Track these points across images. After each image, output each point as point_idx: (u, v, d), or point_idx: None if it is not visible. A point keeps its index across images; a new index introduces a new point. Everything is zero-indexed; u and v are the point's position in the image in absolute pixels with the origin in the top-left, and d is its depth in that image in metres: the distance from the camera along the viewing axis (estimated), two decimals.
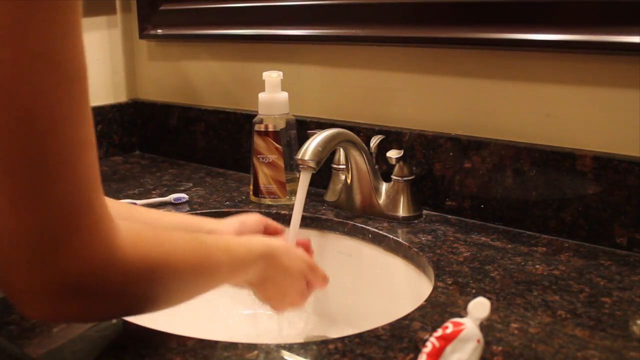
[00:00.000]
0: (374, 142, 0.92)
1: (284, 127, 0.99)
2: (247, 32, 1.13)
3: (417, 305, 0.65)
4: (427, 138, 0.92)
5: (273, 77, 0.98)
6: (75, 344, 0.58)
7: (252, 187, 1.01)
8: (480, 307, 0.53)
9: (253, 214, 0.81)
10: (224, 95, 1.23)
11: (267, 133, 0.98)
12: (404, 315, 0.63)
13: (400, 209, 0.90)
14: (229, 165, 1.21)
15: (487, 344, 0.56)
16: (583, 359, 0.55)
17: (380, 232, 0.86)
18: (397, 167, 0.91)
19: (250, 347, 0.57)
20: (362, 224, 0.89)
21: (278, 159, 0.98)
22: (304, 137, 0.89)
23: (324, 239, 0.92)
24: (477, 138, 0.88)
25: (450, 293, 0.68)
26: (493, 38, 0.84)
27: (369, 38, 0.97)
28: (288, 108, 1.00)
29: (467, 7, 0.87)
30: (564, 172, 0.81)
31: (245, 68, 1.19)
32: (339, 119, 1.04)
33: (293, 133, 1.00)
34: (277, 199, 0.99)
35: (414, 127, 0.95)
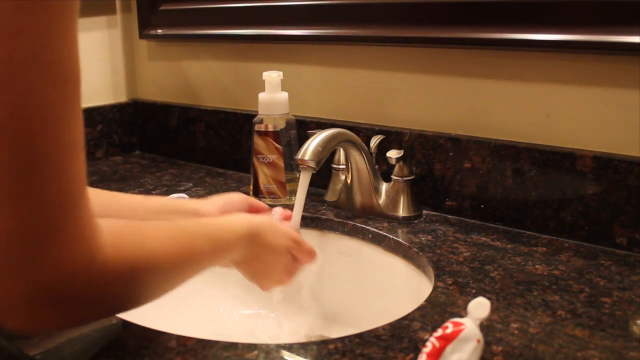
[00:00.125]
0: (374, 142, 0.92)
1: (284, 127, 0.98)
2: (247, 32, 1.13)
3: (417, 305, 0.65)
4: (427, 138, 0.92)
5: (273, 77, 0.98)
6: (75, 344, 0.58)
7: (252, 187, 1.01)
8: (480, 307, 0.53)
9: (237, 193, 0.80)
10: (224, 95, 1.23)
11: (267, 133, 0.98)
12: (404, 315, 0.63)
13: (400, 209, 0.90)
14: (229, 165, 1.21)
15: (487, 344, 0.56)
16: (583, 359, 0.55)
17: (380, 232, 0.86)
18: (397, 167, 0.91)
19: (250, 347, 0.57)
20: (362, 224, 0.89)
21: (278, 159, 0.98)
22: (304, 137, 0.89)
23: (324, 239, 0.92)
24: (477, 138, 0.88)
25: (450, 293, 0.68)
26: (493, 38, 0.84)
27: (369, 38, 0.97)
28: (288, 108, 1.00)
29: (467, 7, 0.87)
30: (564, 172, 0.81)
31: (245, 68, 1.19)
32: (339, 119, 1.04)
33: (293, 133, 1.00)
34: (277, 199, 0.99)
35: (414, 127, 0.95)
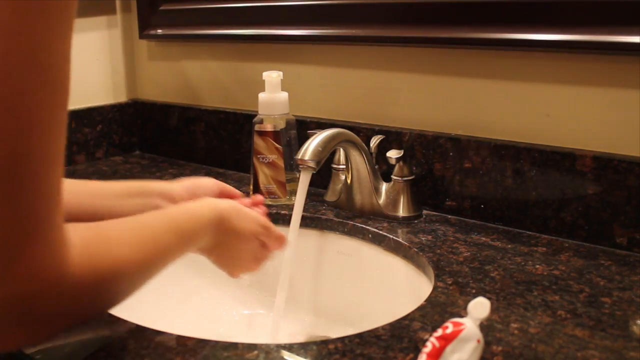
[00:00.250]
0: (374, 142, 0.92)
1: (284, 127, 0.98)
2: (247, 32, 1.13)
3: (417, 305, 0.65)
4: (427, 138, 0.92)
5: (273, 77, 0.98)
6: (75, 344, 0.58)
7: (252, 187, 1.01)
8: (480, 307, 0.53)
9: (208, 178, 0.78)
10: (224, 95, 1.23)
11: (267, 133, 0.98)
12: (404, 315, 0.63)
13: (400, 209, 0.90)
14: (229, 165, 1.21)
15: (487, 344, 0.56)
16: (583, 359, 0.55)
17: (380, 232, 0.86)
18: (397, 167, 0.91)
19: (250, 347, 0.57)
20: (362, 224, 0.89)
21: (278, 159, 0.98)
22: (304, 137, 0.89)
23: (324, 239, 0.92)
24: (477, 138, 0.88)
25: (450, 293, 0.68)
26: (493, 38, 0.84)
27: (369, 38, 0.97)
28: (288, 108, 1.00)
29: (467, 7, 0.87)
30: (564, 172, 0.81)
31: (245, 68, 1.19)
32: (339, 119, 1.04)
33: (293, 133, 1.00)
34: (277, 199, 0.99)
35: (414, 127, 0.95)
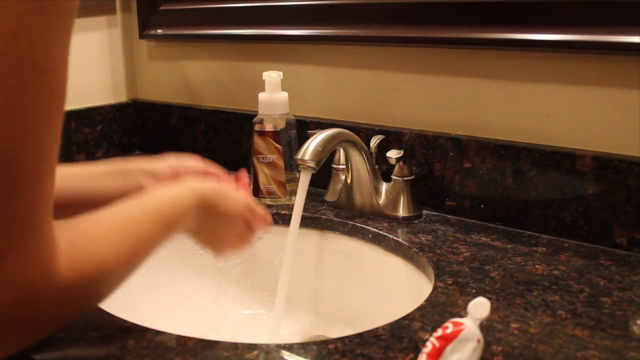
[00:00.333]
0: (374, 142, 0.92)
1: (284, 127, 0.98)
2: (247, 32, 1.13)
3: (417, 305, 0.65)
4: (427, 138, 0.92)
5: (273, 77, 0.98)
6: (75, 344, 0.58)
7: (252, 187, 1.01)
8: (480, 307, 0.53)
9: (193, 157, 0.76)
10: (224, 95, 1.23)
11: (267, 133, 0.98)
12: (404, 315, 0.63)
13: (400, 209, 0.90)
14: (229, 165, 1.20)
15: (487, 344, 0.56)
16: (583, 359, 0.55)
17: (380, 232, 0.86)
18: (397, 167, 0.91)
19: (250, 347, 0.57)
20: (362, 224, 0.89)
21: (278, 159, 0.98)
22: (304, 137, 0.89)
23: (324, 239, 0.92)
24: (477, 138, 0.88)
25: (450, 293, 0.68)
26: (493, 38, 0.84)
27: (369, 38, 0.97)
28: (288, 108, 1.00)
29: (467, 7, 0.87)
30: (564, 172, 0.81)
31: (245, 68, 1.19)
32: (339, 119, 1.04)
33: (293, 133, 1.00)
34: (277, 199, 0.99)
35: (414, 127, 0.95)
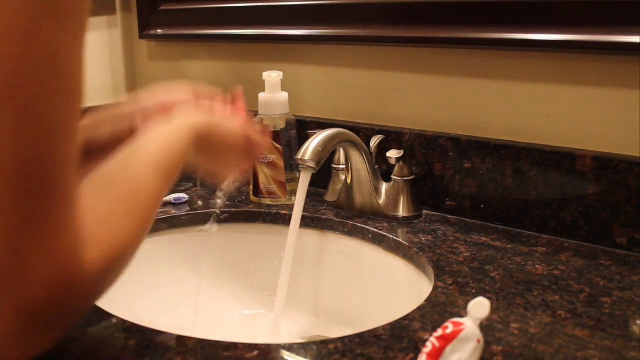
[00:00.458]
0: (374, 142, 0.92)
1: (284, 127, 0.98)
2: (247, 32, 1.13)
3: (417, 305, 0.65)
4: (427, 138, 0.92)
5: (273, 77, 0.98)
6: (76, 344, 0.58)
7: (252, 187, 1.01)
8: (480, 307, 0.53)
9: (181, 85, 0.74)
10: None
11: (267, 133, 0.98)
12: (404, 315, 0.63)
13: (400, 209, 0.90)
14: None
15: (487, 344, 0.56)
16: (583, 359, 0.55)
17: (380, 232, 0.86)
18: (397, 167, 0.91)
19: (250, 347, 0.57)
20: (362, 224, 0.89)
21: (278, 159, 0.98)
22: (304, 137, 0.89)
23: (324, 239, 0.92)
24: (477, 138, 0.88)
25: (450, 293, 0.68)
26: (493, 38, 0.84)
27: (369, 38, 0.97)
28: (288, 108, 1.00)
29: (467, 7, 0.87)
30: (564, 172, 0.81)
31: (245, 68, 1.19)
32: (339, 119, 1.04)
33: (293, 133, 1.00)
34: (277, 199, 0.99)
35: (414, 127, 0.95)
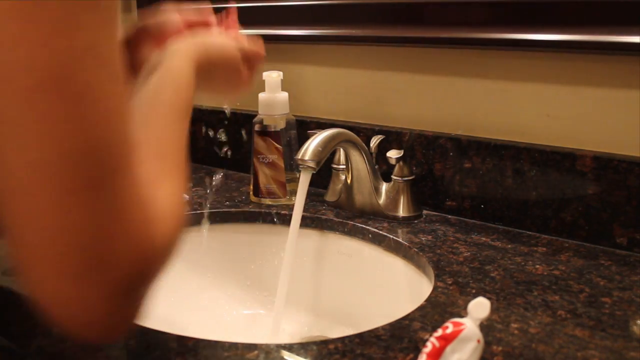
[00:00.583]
0: (374, 142, 0.92)
1: (284, 127, 0.98)
2: (247, 32, 1.13)
3: (417, 305, 0.65)
4: (427, 138, 0.92)
5: (273, 77, 0.98)
6: (75, 344, 0.58)
7: (252, 187, 1.01)
8: (480, 307, 0.53)
9: (171, 12, 0.72)
10: (224, 95, 1.23)
11: (267, 133, 0.98)
12: (404, 315, 0.63)
13: (400, 209, 0.90)
14: (229, 166, 1.21)
15: (487, 344, 0.56)
16: (583, 359, 0.55)
17: (380, 232, 0.86)
18: (397, 167, 0.91)
19: (250, 347, 0.57)
20: (362, 224, 0.89)
21: (278, 159, 0.98)
22: (304, 137, 0.89)
23: (324, 239, 0.92)
24: (477, 138, 0.88)
25: (450, 293, 0.68)
26: (493, 38, 0.84)
27: (369, 38, 0.97)
28: (288, 108, 1.00)
29: (467, 7, 0.87)
30: (564, 172, 0.81)
31: None
32: (339, 119, 1.04)
33: (293, 133, 1.00)
34: (277, 199, 0.99)
35: (414, 127, 0.95)
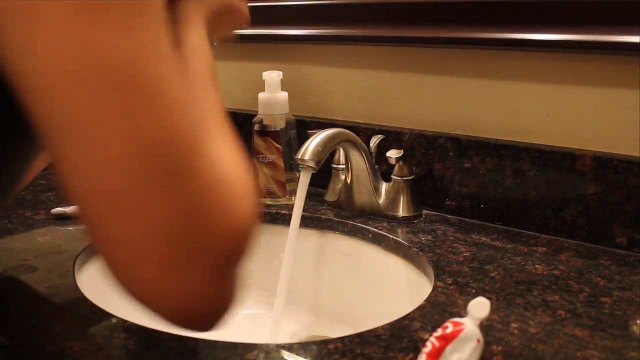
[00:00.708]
0: (374, 142, 0.92)
1: (284, 127, 0.98)
2: (247, 32, 1.13)
3: (417, 305, 0.65)
4: (427, 138, 0.92)
5: (273, 77, 0.98)
6: (75, 344, 0.58)
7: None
8: (480, 307, 0.53)
9: None
10: (224, 95, 1.23)
11: (267, 133, 0.98)
12: (404, 315, 0.63)
13: (400, 209, 0.90)
14: None
15: (487, 344, 0.56)
16: (583, 359, 0.55)
17: (380, 232, 0.86)
18: (397, 167, 0.91)
19: (250, 347, 0.57)
20: (362, 224, 0.89)
21: (278, 159, 0.98)
22: (304, 137, 0.89)
23: (324, 239, 0.92)
24: (477, 138, 0.88)
25: (450, 293, 0.68)
26: (493, 38, 0.84)
27: (369, 38, 0.97)
28: (288, 108, 1.00)
29: (467, 7, 0.87)
30: (564, 172, 0.81)
31: (245, 68, 1.19)
32: (339, 119, 1.04)
33: (293, 133, 1.00)
34: (277, 199, 0.99)
35: (414, 127, 0.95)
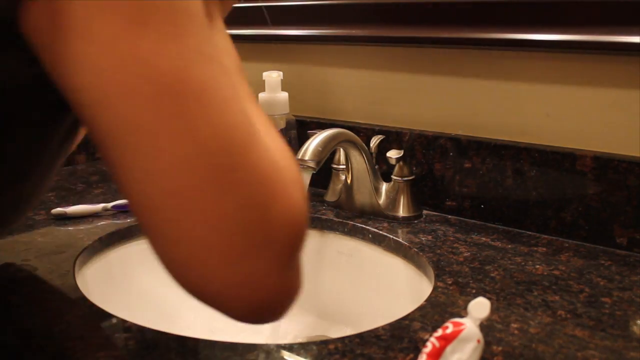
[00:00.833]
0: (374, 142, 0.92)
1: (284, 127, 0.98)
2: (247, 32, 1.13)
3: (417, 305, 0.65)
4: (427, 138, 0.92)
5: (273, 77, 0.98)
6: (76, 344, 0.58)
7: None
8: (480, 307, 0.53)
9: None
10: None
11: None
12: (404, 315, 0.63)
13: (400, 209, 0.90)
14: None
15: (487, 344, 0.56)
16: (583, 359, 0.55)
17: (380, 232, 0.86)
18: (397, 167, 0.91)
19: (250, 347, 0.57)
20: (362, 224, 0.89)
21: None
22: (304, 137, 0.89)
23: (324, 239, 0.92)
24: (477, 138, 0.88)
25: (450, 293, 0.68)
26: (493, 38, 0.84)
27: (369, 38, 0.97)
28: (288, 108, 1.00)
29: (467, 7, 0.87)
30: (564, 172, 0.81)
31: (245, 68, 1.18)
32: (339, 119, 1.04)
33: (293, 133, 1.00)
34: None
35: (414, 127, 0.95)
